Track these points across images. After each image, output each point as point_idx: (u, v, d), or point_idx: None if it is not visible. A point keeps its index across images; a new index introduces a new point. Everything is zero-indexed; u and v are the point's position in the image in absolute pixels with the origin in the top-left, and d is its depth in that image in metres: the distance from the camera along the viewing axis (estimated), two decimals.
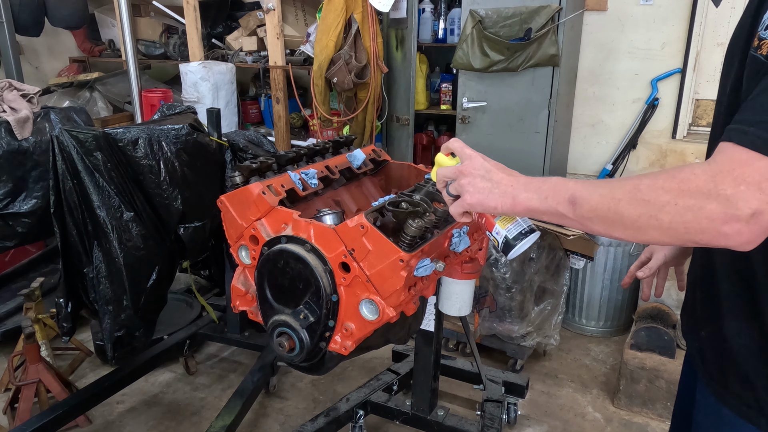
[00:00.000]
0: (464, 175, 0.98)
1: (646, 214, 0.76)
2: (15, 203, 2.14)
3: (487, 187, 0.95)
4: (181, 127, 2.11)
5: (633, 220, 0.78)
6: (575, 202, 0.84)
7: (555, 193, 0.87)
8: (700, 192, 0.72)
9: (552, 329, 2.74)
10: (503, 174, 0.95)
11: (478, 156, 1.00)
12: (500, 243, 1.06)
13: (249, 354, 2.93)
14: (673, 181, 0.75)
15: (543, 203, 0.88)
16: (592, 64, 3.53)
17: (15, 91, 2.29)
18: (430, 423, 2.13)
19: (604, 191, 0.82)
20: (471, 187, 0.96)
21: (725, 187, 0.70)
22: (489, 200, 0.94)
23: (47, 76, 4.63)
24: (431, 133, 4.02)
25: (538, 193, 0.89)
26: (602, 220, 0.82)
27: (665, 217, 0.75)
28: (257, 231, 1.47)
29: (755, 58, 0.80)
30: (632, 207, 0.78)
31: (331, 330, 1.40)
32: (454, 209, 1.01)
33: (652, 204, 0.76)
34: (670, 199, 0.74)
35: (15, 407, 2.38)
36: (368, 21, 3.36)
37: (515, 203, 0.91)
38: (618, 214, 0.79)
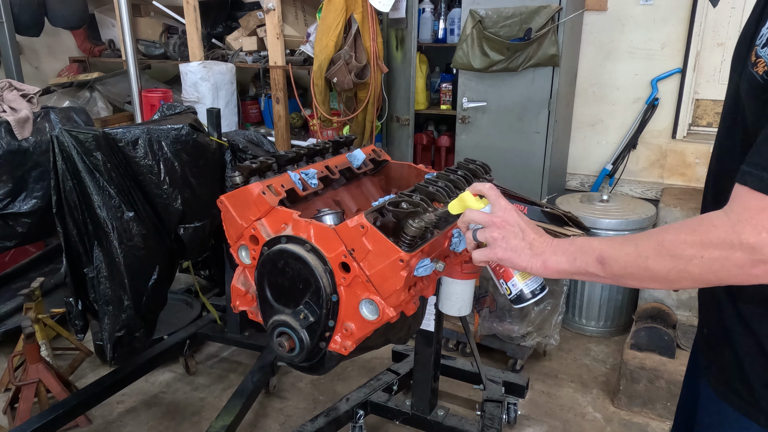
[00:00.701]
0: (498, 228, 0.99)
1: (675, 269, 0.80)
2: (15, 203, 2.15)
3: (521, 246, 0.97)
4: (181, 127, 2.11)
5: (664, 275, 0.81)
6: (604, 262, 0.88)
7: (583, 255, 0.90)
8: (724, 243, 0.75)
9: (552, 329, 2.74)
10: (535, 235, 0.98)
11: (512, 210, 1.01)
12: (513, 294, 1.09)
13: (249, 354, 2.93)
14: (695, 234, 0.78)
15: (572, 265, 0.92)
16: (592, 64, 3.53)
17: (15, 91, 2.29)
18: (430, 423, 2.13)
19: (630, 249, 0.85)
20: (504, 243, 0.98)
21: (747, 236, 0.74)
22: (520, 260, 0.97)
23: (47, 76, 4.63)
24: (431, 133, 4.02)
25: (567, 256, 0.93)
26: (634, 276, 0.85)
27: (695, 269, 0.78)
28: (257, 231, 1.47)
29: (752, 75, 0.81)
30: (661, 263, 0.81)
31: (331, 330, 1.40)
32: (478, 256, 1.02)
33: (679, 258, 0.79)
34: (695, 253, 0.78)
35: (15, 407, 2.38)
36: (368, 21, 3.36)
37: (545, 267, 0.95)
38: (648, 271, 0.83)
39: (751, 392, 0.93)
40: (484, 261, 1.03)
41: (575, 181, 3.72)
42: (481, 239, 1.02)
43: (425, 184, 1.50)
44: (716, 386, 1.01)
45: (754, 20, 0.89)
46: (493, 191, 1.04)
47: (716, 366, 1.01)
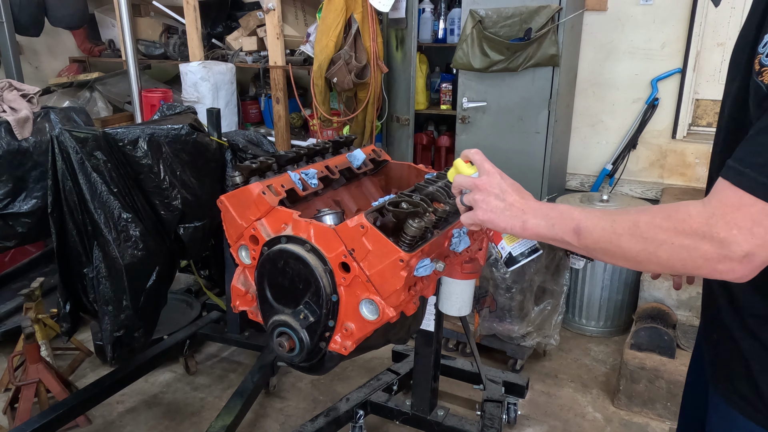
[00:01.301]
0: (480, 190, 1.01)
1: (645, 250, 0.81)
2: (15, 203, 2.14)
3: (500, 207, 0.99)
4: (181, 127, 2.11)
5: (633, 255, 0.83)
6: (579, 233, 0.89)
7: (561, 222, 0.92)
8: (695, 233, 0.76)
9: (552, 329, 2.74)
10: (516, 196, 0.99)
11: (495, 173, 1.03)
12: (504, 257, 1.13)
13: (249, 354, 2.93)
14: (669, 220, 0.79)
15: (550, 230, 0.93)
16: (592, 64, 3.53)
17: (15, 91, 2.29)
18: (430, 423, 2.13)
19: (606, 225, 0.86)
20: (484, 204, 1.00)
21: (718, 230, 0.74)
22: (500, 221, 0.99)
23: (47, 76, 4.63)
24: (431, 133, 4.02)
25: (546, 221, 0.94)
26: (605, 252, 0.87)
27: (663, 254, 0.80)
28: (257, 231, 1.47)
29: (758, 85, 0.81)
30: (632, 243, 0.83)
31: (331, 330, 1.40)
32: (464, 219, 1.05)
33: (651, 241, 0.80)
34: (666, 239, 0.79)
35: (15, 407, 2.38)
36: (368, 21, 3.36)
37: (524, 228, 0.96)
38: (619, 248, 0.84)
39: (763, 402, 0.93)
40: (469, 224, 1.05)
41: (575, 181, 3.72)
42: (467, 202, 1.05)
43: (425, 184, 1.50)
44: (727, 396, 1.00)
45: (754, 24, 0.89)
46: (478, 155, 1.07)
47: (725, 376, 1.00)
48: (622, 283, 3.05)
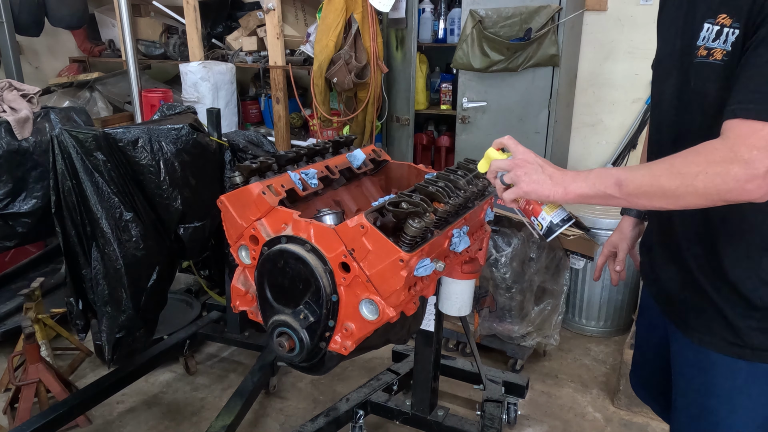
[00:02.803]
0: (520, 167, 1.14)
1: (684, 184, 0.95)
2: (15, 203, 2.14)
3: (542, 178, 1.11)
4: (181, 127, 2.11)
5: (673, 190, 0.97)
6: (621, 184, 1.02)
7: (601, 180, 1.04)
8: (724, 160, 0.92)
9: (552, 329, 2.74)
10: (553, 169, 1.12)
11: (530, 152, 1.16)
12: (544, 227, 1.23)
13: (249, 354, 2.93)
14: (700, 155, 0.95)
15: (592, 188, 1.06)
16: (592, 64, 3.53)
17: (15, 91, 2.29)
18: (430, 423, 2.13)
19: (644, 171, 1.01)
20: (527, 177, 1.12)
21: (743, 153, 0.90)
22: (543, 189, 1.10)
23: (47, 76, 4.63)
24: (431, 133, 4.02)
25: (586, 182, 1.06)
26: (646, 194, 1.00)
27: (699, 183, 0.93)
28: (257, 231, 1.48)
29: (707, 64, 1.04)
30: (671, 180, 0.96)
31: (331, 330, 1.40)
32: (507, 196, 1.17)
33: (687, 174, 0.95)
34: (701, 169, 0.93)
35: (15, 407, 2.38)
36: (368, 21, 3.36)
37: (567, 191, 1.08)
38: (660, 188, 0.98)
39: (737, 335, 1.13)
40: (513, 198, 1.16)
41: None
42: (508, 181, 1.15)
43: (425, 184, 1.50)
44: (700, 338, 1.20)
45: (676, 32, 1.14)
46: (511, 140, 1.20)
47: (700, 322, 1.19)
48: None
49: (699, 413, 1.24)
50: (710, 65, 1.04)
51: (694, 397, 1.25)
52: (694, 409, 1.25)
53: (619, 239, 1.58)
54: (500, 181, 1.18)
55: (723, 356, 1.16)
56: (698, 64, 1.06)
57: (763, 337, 1.12)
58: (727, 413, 1.19)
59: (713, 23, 1.02)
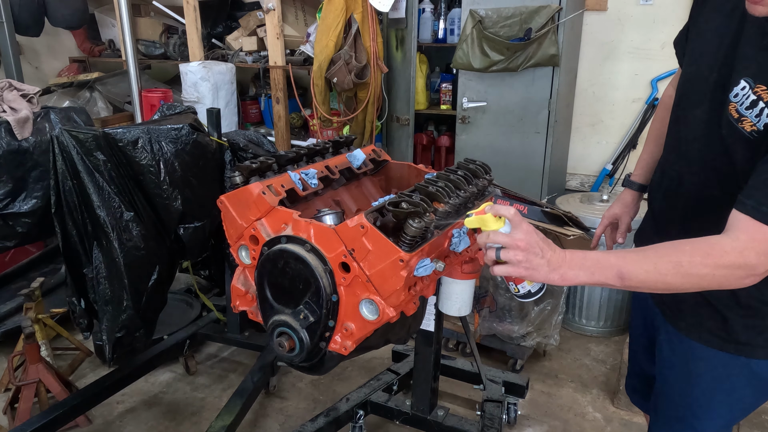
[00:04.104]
0: (522, 250, 1.07)
1: (689, 282, 1.01)
2: (15, 203, 2.14)
3: (541, 264, 1.07)
4: (181, 127, 2.11)
5: (677, 286, 1.02)
6: (623, 277, 1.02)
7: (602, 271, 1.04)
8: (733, 265, 0.99)
9: (552, 329, 2.74)
10: (552, 252, 1.08)
11: (533, 232, 1.09)
12: (522, 293, 1.24)
13: (249, 354, 2.93)
14: (709, 258, 0.99)
15: (591, 278, 1.05)
16: (592, 64, 3.53)
17: (15, 91, 2.29)
18: (430, 423, 2.13)
19: (649, 267, 1.02)
20: (527, 263, 1.07)
21: (750, 259, 0.98)
22: (539, 276, 1.07)
23: (47, 76, 4.63)
24: (431, 133, 4.02)
25: (584, 270, 1.05)
26: (650, 288, 1.04)
27: (705, 283, 1.01)
28: (257, 231, 1.47)
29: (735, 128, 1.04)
30: (677, 279, 1.01)
31: (331, 330, 1.40)
32: (499, 271, 1.11)
33: (695, 276, 1.00)
34: (708, 272, 0.99)
35: (15, 407, 2.38)
36: (368, 21, 3.36)
37: (563, 279, 1.07)
38: (666, 284, 1.02)
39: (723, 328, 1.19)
40: (504, 275, 1.13)
41: (575, 181, 3.72)
42: (505, 259, 1.09)
43: (425, 184, 1.50)
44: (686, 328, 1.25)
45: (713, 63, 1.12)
46: (517, 216, 1.11)
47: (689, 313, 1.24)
48: None
49: (679, 401, 1.29)
50: (738, 131, 1.05)
51: (676, 385, 1.30)
52: (676, 396, 1.30)
53: (622, 211, 1.60)
54: (494, 255, 1.11)
55: (706, 347, 1.21)
56: (727, 121, 1.06)
57: (747, 331, 1.17)
58: (706, 403, 1.25)
59: (751, 88, 1.02)
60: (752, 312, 1.16)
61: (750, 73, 1.02)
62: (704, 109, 1.14)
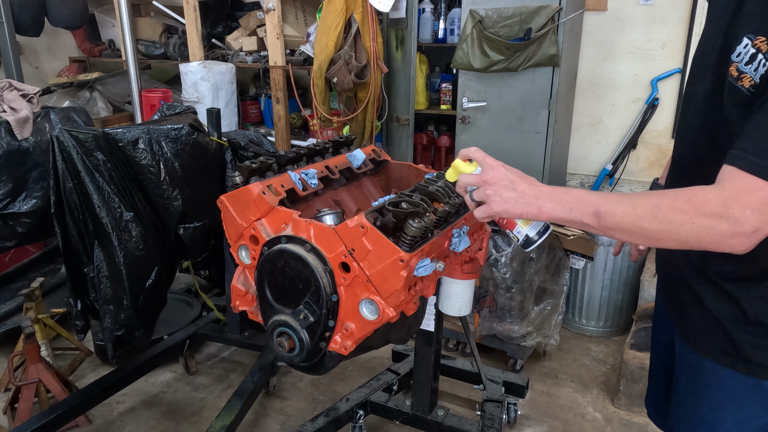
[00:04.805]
0: (489, 184, 1.07)
1: (666, 230, 0.92)
2: (15, 203, 2.14)
3: (513, 197, 1.04)
4: (181, 127, 2.11)
5: (654, 234, 0.93)
6: (600, 216, 0.97)
7: (579, 206, 0.99)
8: (714, 214, 0.88)
9: (552, 329, 2.74)
10: (526, 184, 1.05)
11: (500, 166, 1.08)
12: (521, 240, 1.17)
13: (249, 354, 2.93)
14: (690, 204, 0.90)
15: (568, 214, 1.00)
16: (592, 64, 3.53)
17: (15, 91, 2.29)
18: (430, 423, 2.13)
19: (627, 208, 0.95)
20: (497, 197, 1.05)
21: (734, 211, 0.87)
22: (515, 209, 1.04)
23: (47, 76, 4.63)
24: (431, 133, 4.02)
25: (563, 205, 1.01)
26: (625, 231, 0.96)
27: (682, 233, 0.90)
28: (257, 231, 1.47)
29: (737, 88, 0.96)
30: (654, 223, 0.92)
31: (331, 330, 1.40)
32: (478, 214, 1.10)
33: (672, 222, 0.91)
34: (687, 219, 0.90)
35: (15, 407, 2.38)
36: (368, 21, 3.36)
37: (540, 212, 1.02)
38: (641, 229, 0.94)
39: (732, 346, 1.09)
40: (485, 217, 1.10)
41: (575, 181, 3.72)
42: (478, 198, 1.09)
43: (425, 184, 1.50)
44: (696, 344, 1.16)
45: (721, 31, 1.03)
46: (478, 153, 1.12)
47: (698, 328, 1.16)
48: (622, 283, 3.05)
49: (690, 418, 1.22)
50: (737, 91, 0.96)
51: (687, 401, 1.23)
52: (686, 412, 1.23)
53: None
54: (470, 198, 1.11)
55: (716, 364, 1.13)
56: (729, 84, 0.98)
57: (755, 351, 1.08)
58: (716, 422, 1.17)
59: (752, 42, 0.94)
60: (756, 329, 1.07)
61: (752, 29, 0.95)
62: (709, 80, 1.06)
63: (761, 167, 0.86)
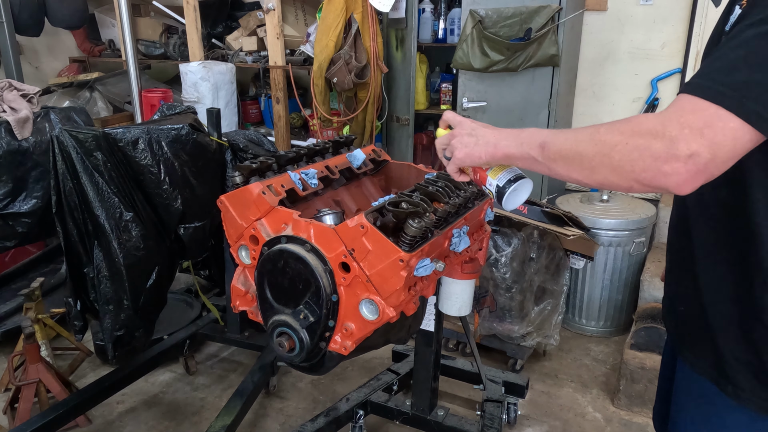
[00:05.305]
0: (455, 136, 1.11)
1: (600, 153, 0.85)
2: (15, 203, 2.15)
3: (473, 141, 1.07)
4: (181, 127, 2.11)
5: (589, 159, 0.87)
6: (544, 146, 0.94)
7: (529, 140, 0.97)
8: (649, 133, 0.80)
9: (552, 329, 2.74)
10: (487, 129, 1.08)
11: (467, 120, 1.13)
12: (494, 193, 1.14)
13: (249, 354, 2.93)
14: (627, 124, 0.84)
15: (519, 149, 0.99)
16: (592, 64, 3.53)
17: (15, 91, 2.29)
18: (430, 423, 2.13)
19: (570, 135, 0.92)
20: (459, 144, 1.09)
21: (671, 129, 0.78)
22: (474, 151, 1.06)
23: (47, 76, 4.63)
24: (431, 133, 4.02)
25: (516, 140, 1.00)
26: (564, 160, 0.91)
27: (616, 155, 0.83)
28: (257, 231, 1.47)
29: None
30: (590, 146, 0.87)
31: (331, 330, 1.40)
32: (449, 169, 1.14)
33: (607, 143, 0.85)
34: (621, 139, 0.83)
35: (15, 407, 2.38)
36: (368, 21, 3.36)
37: (496, 150, 1.03)
38: (578, 154, 0.89)
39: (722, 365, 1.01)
40: (454, 170, 1.14)
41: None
42: (448, 154, 1.13)
43: (425, 184, 1.50)
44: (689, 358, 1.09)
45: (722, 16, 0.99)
46: (450, 114, 1.18)
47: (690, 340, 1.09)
48: (622, 283, 3.05)
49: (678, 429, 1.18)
50: None
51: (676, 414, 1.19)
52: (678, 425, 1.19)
53: None
54: (444, 157, 1.16)
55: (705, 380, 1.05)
56: None
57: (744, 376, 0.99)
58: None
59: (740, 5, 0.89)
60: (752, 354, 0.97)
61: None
62: None
63: (708, 89, 0.79)
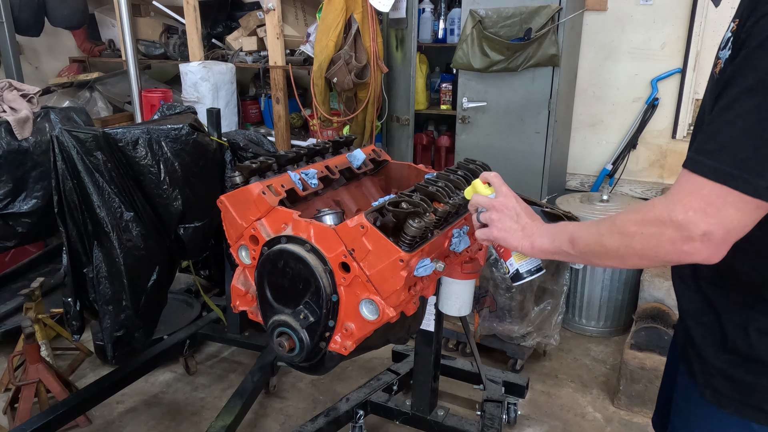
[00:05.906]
0: (496, 210, 1.13)
1: (624, 244, 0.89)
2: (15, 203, 2.14)
3: (513, 228, 1.10)
4: (181, 127, 2.11)
5: (615, 250, 0.91)
6: (573, 241, 0.99)
7: (559, 235, 1.02)
8: (658, 221, 0.84)
9: (552, 329, 2.74)
10: (528, 219, 1.10)
11: (511, 196, 1.14)
12: (511, 272, 1.22)
13: (249, 354, 2.93)
14: (638, 214, 0.88)
15: (552, 245, 1.04)
16: (592, 64, 3.53)
17: (15, 91, 2.29)
18: (430, 423, 2.13)
19: (593, 229, 0.96)
20: (500, 223, 1.11)
21: (676, 214, 0.82)
22: (512, 240, 1.10)
23: (47, 76, 4.63)
24: (431, 133, 4.02)
25: (548, 237, 1.04)
26: (594, 253, 0.96)
27: (637, 244, 0.87)
28: (257, 231, 1.48)
29: (712, 74, 0.92)
30: (613, 239, 0.91)
31: (331, 330, 1.40)
32: (479, 235, 1.16)
33: (625, 234, 0.89)
34: (637, 230, 0.87)
35: (15, 407, 2.38)
36: (368, 21, 3.36)
37: (533, 247, 1.07)
38: (604, 247, 0.93)
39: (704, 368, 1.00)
40: (484, 239, 1.16)
41: (575, 181, 3.72)
42: (483, 220, 1.15)
43: (425, 184, 1.50)
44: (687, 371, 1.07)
45: None
46: (497, 179, 1.18)
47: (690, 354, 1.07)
48: (622, 283, 3.05)
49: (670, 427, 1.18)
50: (712, 78, 0.91)
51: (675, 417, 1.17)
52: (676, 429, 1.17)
53: None
54: (476, 218, 1.18)
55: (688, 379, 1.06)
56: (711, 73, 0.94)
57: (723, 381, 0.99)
58: None
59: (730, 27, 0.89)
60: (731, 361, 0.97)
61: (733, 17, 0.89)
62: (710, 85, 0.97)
63: (705, 165, 0.80)
